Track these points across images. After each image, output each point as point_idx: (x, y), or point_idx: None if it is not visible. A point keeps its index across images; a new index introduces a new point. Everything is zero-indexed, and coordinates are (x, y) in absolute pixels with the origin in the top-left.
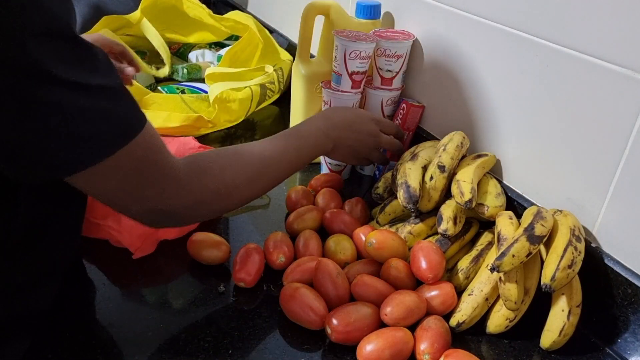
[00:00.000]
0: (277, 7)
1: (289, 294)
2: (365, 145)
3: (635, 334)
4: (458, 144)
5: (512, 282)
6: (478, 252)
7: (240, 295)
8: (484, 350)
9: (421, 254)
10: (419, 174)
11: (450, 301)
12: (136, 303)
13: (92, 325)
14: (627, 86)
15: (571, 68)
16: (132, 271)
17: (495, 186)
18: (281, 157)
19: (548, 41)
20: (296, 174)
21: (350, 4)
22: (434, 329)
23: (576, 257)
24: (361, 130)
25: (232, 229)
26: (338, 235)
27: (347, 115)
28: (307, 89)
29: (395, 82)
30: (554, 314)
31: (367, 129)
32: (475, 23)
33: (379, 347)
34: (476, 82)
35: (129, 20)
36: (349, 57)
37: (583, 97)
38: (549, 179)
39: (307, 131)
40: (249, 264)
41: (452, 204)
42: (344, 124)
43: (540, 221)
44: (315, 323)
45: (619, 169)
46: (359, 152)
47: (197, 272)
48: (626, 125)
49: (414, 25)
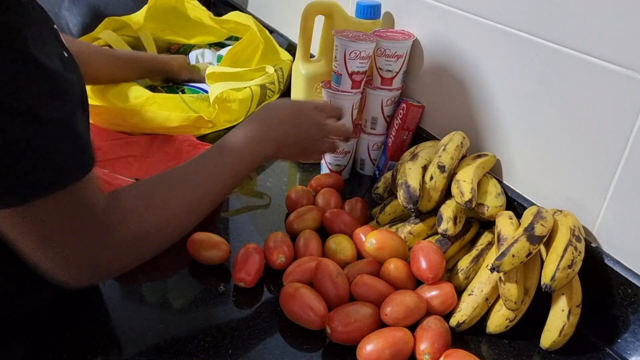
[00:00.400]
0: (277, 7)
1: (289, 294)
2: (311, 139)
3: (635, 334)
4: (458, 144)
5: (512, 282)
6: (478, 252)
7: (240, 295)
8: (484, 350)
9: (421, 254)
10: (419, 174)
11: (450, 301)
12: (136, 303)
13: (92, 325)
14: (627, 86)
15: (571, 68)
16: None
17: (495, 186)
18: (216, 181)
19: (548, 41)
20: (296, 174)
21: (350, 4)
22: (434, 329)
23: (576, 257)
24: (303, 123)
25: (232, 229)
26: (338, 235)
27: (284, 111)
28: (307, 89)
29: (395, 82)
30: (554, 314)
31: (310, 120)
32: (475, 23)
33: (379, 347)
34: (476, 82)
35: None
36: (349, 57)
37: (583, 97)
38: (549, 179)
39: (242, 142)
40: (249, 264)
41: (452, 204)
42: (282, 121)
43: (540, 221)
44: (315, 323)
45: (619, 169)
46: (306, 148)
47: (197, 272)
48: (626, 125)
49: (414, 25)
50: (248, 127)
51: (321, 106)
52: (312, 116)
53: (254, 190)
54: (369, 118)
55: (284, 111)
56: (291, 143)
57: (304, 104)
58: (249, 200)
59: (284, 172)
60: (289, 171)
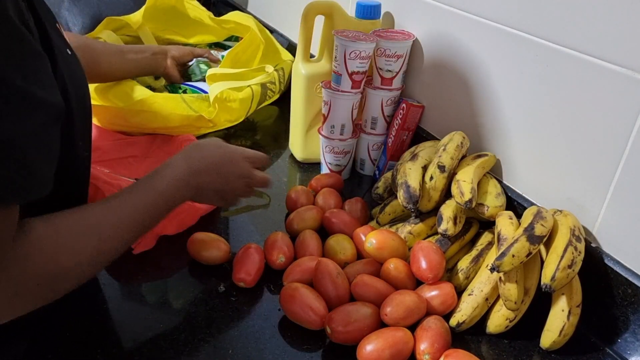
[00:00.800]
0: (277, 7)
1: (289, 294)
2: (233, 189)
3: (635, 334)
4: (458, 144)
5: (512, 282)
6: (478, 252)
7: (240, 295)
8: (484, 350)
9: (421, 254)
10: (419, 174)
11: (450, 301)
12: (136, 303)
13: (92, 325)
14: (627, 86)
15: (571, 68)
16: (132, 271)
17: (495, 186)
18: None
19: (548, 41)
20: (296, 174)
21: (350, 4)
22: (434, 329)
23: (576, 257)
24: (230, 172)
25: (232, 229)
26: (338, 235)
27: (213, 158)
28: (307, 89)
29: (395, 82)
30: (554, 314)
31: (238, 171)
32: (475, 23)
33: (379, 347)
34: (476, 82)
35: (129, 23)
36: (349, 57)
37: (583, 97)
38: (549, 179)
39: (166, 186)
40: (249, 264)
41: (452, 204)
42: (209, 167)
43: (540, 221)
44: (315, 323)
45: (619, 169)
46: (226, 195)
47: (197, 272)
48: (626, 125)
49: (414, 25)
50: (176, 169)
51: (252, 157)
52: (240, 167)
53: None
54: (369, 118)
55: (213, 158)
56: (211, 190)
57: (235, 153)
58: (249, 200)
59: (284, 172)
60: (289, 171)
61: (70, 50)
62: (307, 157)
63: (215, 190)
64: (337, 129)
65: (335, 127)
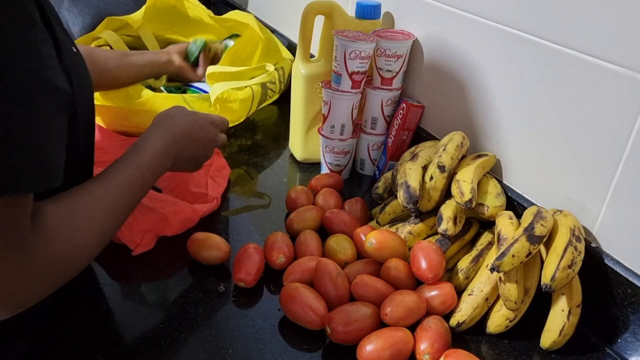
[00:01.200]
0: (277, 7)
1: (289, 294)
2: (204, 153)
3: (635, 334)
4: (458, 144)
5: (512, 282)
6: (478, 252)
7: (240, 295)
8: (484, 350)
9: (421, 254)
10: (419, 174)
11: (450, 301)
12: (136, 303)
13: (92, 325)
14: (627, 86)
15: (571, 68)
16: (132, 271)
17: (495, 186)
18: (128, 195)
19: (548, 41)
20: (296, 174)
21: (350, 4)
22: (434, 329)
23: (576, 257)
24: (201, 138)
25: (232, 229)
26: (338, 235)
27: (185, 125)
28: (307, 89)
29: (395, 82)
30: (554, 314)
31: (207, 136)
32: (475, 23)
33: (379, 347)
34: (476, 82)
35: (129, 23)
36: (349, 57)
37: (583, 97)
38: (549, 179)
39: (150, 157)
40: (249, 264)
41: (452, 204)
42: (183, 135)
43: (540, 221)
44: (315, 323)
45: (619, 169)
46: (197, 161)
47: (197, 272)
48: (626, 125)
49: (414, 25)
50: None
51: (217, 121)
52: (209, 131)
53: (254, 190)
54: (369, 118)
55: (185, 126)
56: (186, 157)
57: (204, 119)
58: (249, 200)
59: (284, 172)
60: (289, 171)
61: (75, 48)
62: (307, 157)
63: (190, 157)
64: (337, 129)
65: (335, 127)
